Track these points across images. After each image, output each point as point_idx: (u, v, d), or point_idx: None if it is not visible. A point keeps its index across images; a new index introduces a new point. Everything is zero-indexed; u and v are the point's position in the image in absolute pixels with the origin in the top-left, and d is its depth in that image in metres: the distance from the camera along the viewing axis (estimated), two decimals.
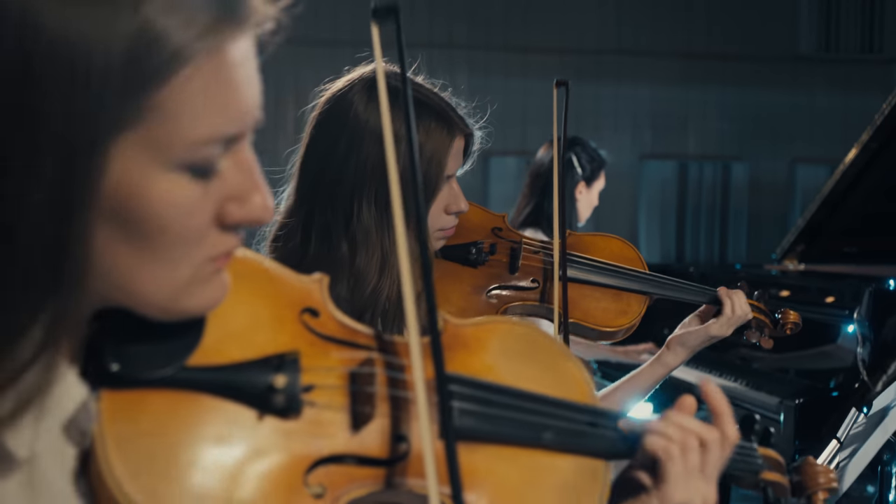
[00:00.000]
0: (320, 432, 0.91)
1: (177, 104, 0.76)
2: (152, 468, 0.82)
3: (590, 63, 8.79)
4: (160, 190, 0.77)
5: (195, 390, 0.86)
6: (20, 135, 0.72)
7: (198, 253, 0.82)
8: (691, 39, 8.85)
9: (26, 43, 0.71)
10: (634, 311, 2.14)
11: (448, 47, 8.68)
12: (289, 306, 0.97)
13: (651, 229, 8.91)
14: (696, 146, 8.98)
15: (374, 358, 0.97)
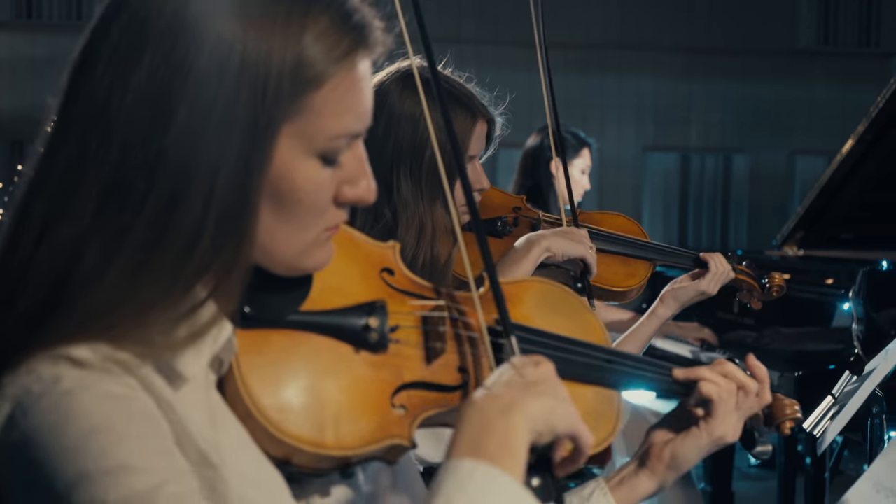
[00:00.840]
0: (402, 364, 1.14)
1: (322, 106, 0.99)
2: (276, 389, 1.05)
3: (595, 57, 9.00)
4: (302, 170, 1.00)
5: (306, 330, 1.09)
6: (214, 124, 0.95)
7: (319, 222, 1.05)
8: (693, 34, 9.05)
9: (221, 60, 0.95)
10: (641, 274, 2.43)
11: (457, 42, 8.89)
12: (371, 266, 1.20)
13: (654, 219, 9.13)
14: (698, 138, 9.19)
15: (442, 305, 1.20)
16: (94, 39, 1.01)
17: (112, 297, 0.95)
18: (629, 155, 9.08)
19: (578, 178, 4.29)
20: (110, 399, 0.93)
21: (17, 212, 1.01)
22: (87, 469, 0.89)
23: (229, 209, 0.96)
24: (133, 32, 0.96)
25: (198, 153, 0.95)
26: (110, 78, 0.96)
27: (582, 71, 8.97)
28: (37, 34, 8.62)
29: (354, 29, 1.02)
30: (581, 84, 8.95)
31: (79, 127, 0.97)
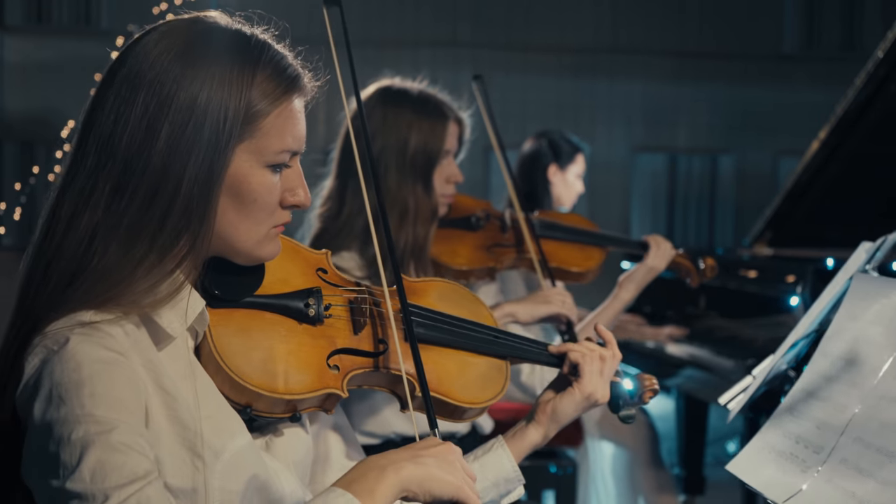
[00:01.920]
0: (335, 334, 1.50)
1: (269, 129, 1.35)
2: (241, 353, 1.39)
3: (586, 61, 9.17)
4: (256, 177, 1.36)
5: (261, 309, 1.45)
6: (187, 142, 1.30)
7: (270, 219, 1.40)
8: (682, 39, 9.20)
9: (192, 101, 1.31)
10: (597, 257, 2.82)
11: (453, 46, 9.09)
12: (309, 266, 1.56)
13: (643, 217, 9.29)
14: (686, 140, 9.36)
15: (363, 296, 1.56)
16: (103, 86, 1.34)
17: (111, 269, 1.29)
18: (619, 155, 9.26)
19: (573, 182, 4.51)
20: (98, 363, 1.25)
21: (50, 210, 1.35)
22: (70, 411, 1.22)
23: (192, 200, 1.31)
24: (130, 81, 1.32)
25: (174, 161, 1.30)
26: (115, 114, 1.31)
27: (574, 74, 9.16)
28: (46, 38, 8.79)
29: (288, 79, 1.38)
30: (573, 87, 9.14)
31: (94, 149, 1.32)
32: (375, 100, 2.58)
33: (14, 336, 1.33)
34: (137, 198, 1.30)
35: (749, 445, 1.87)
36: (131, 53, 1.36)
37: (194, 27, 1.39)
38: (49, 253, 1.32)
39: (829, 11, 9.15)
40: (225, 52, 1.36)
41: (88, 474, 1.18)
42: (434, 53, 8.98)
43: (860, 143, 4.47)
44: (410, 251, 2.52)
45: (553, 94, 8.99)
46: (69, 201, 1.33)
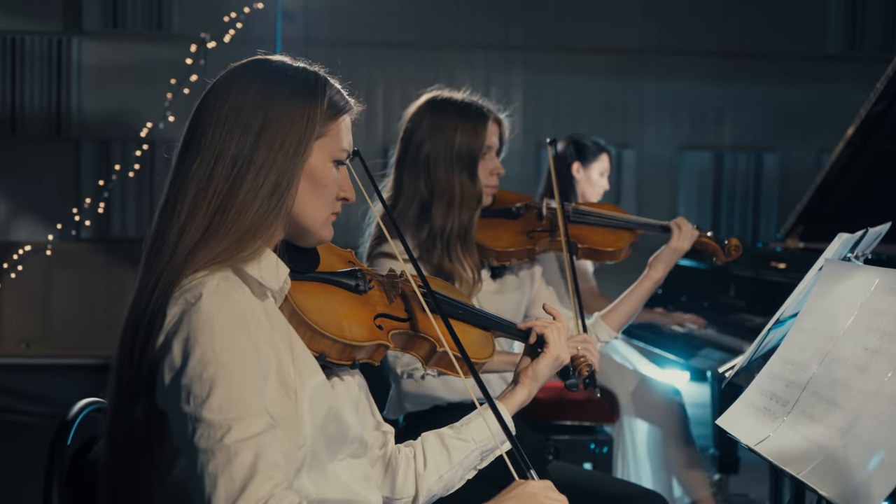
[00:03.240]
0: (375, 302, 1.97)
1: (336, 133, 1.83)
2: (316, 310, 1.83)
3: (634, 62, 9.38)
4: (325, 168, 1.82)
5: (322, 282, 1.92)
6: (277, 145, 1.76)
7: (331, 206, 1.87)
8: (728, 40, 9.35)
9: (281, 118, 1.76)
10: (626, 239, 3.20)
11: (505, 48, 9.35)
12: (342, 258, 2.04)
13: (689, 213, 9.47)
14: (731, 138, 9.53)
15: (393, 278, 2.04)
16: (209, 98, 1.79)
17: (232, 232, 1.72)
18: (666, 154, 9.48)
19: (597, 179, 4.97)
20: (226, 316, 1.63)
21: (173, 190, 1.75)
22: (203, 353, 1.59)
23: (284, 179, 1.75)
24: (233, 94, 1.78)
25: (271, 153, 1.75)
26: (222, 120, 1.76)
27: (622, 75, 9.39)
28: (122, 42, 9.11)
29: (344, 99, 1.87)
30: (621, 87, 9.36)
31: (207, 146, 1.75)
32: (424, 109, 3.07)
33: (152, 290, 1.69)
34: (248, 179, 1.72)
35: (735, 403, 2.25)
36: (228, 79, 1.80)
37: (274, 61, 1.85)
38: (182, 220, 1.71)
39: (872, 13, 9.32)
40: (301, 79, 1.82)
41: (216, 406, 1.54)
42: (487, 55, 9.30)
43: (883, 142, 4.76)
44: (457, 234, 2.98)
45: (602, 95, 9.26)
46: (193, 183, 1.73)
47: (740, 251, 3.23)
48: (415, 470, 2.05)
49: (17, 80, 9.09)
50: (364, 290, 1.94)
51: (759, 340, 2.50)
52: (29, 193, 9.20)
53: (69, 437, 1.83)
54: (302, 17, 8.69)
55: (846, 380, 1.92)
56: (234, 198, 1.73)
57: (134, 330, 1.70)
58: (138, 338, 1.69)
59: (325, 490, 1.79)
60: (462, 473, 2.09)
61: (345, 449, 1.85)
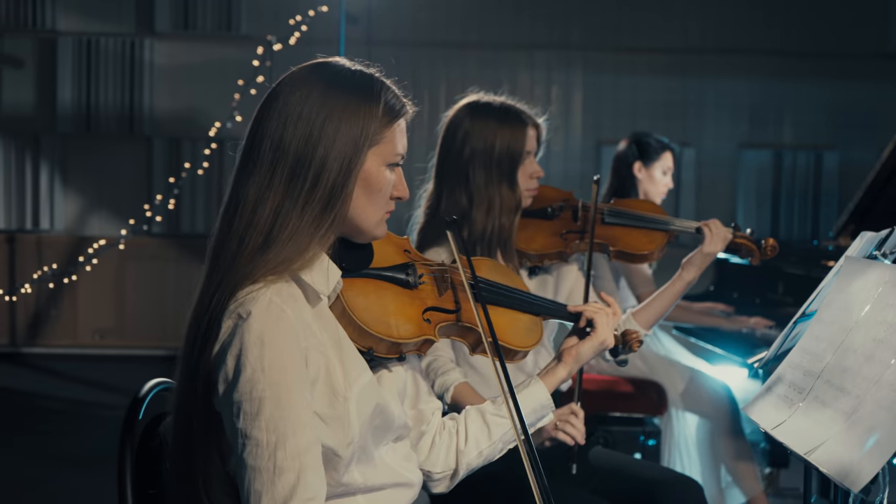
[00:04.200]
0: (425, 296, 2.05)
1: (390, 138, 1.91)
2: (365, 308, 1.93)
3: (693, 60, 9.41)
4: (379, 172, 1.91)
5: (374, 279, 2.01)
6: (336, 149, 1.84)
7: (385, 206, 1.95)
8: (788, 37, 9.35)
9: (338, 123, 1.84)
10: (659, 241, 3.28)
11: (565, 48, 9.45)
12: (399, 248, 2.12)
13: (748, 211, 9.48)
14: (791, 136, 9.51)
15: (444, 269, 2.12)
16: (266, 107, 1.86)
17: (291, 239, 1.80)
18: (725, 152, 9.50)
19: (659, 178, 5.01)
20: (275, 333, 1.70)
21: (233, 197, 1.83)
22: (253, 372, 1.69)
23: (339, 187, 1.83)
24: (292, 103, 1.83)
25: (328, 160, 1.83)
26: (282, 128, 1.82)
27: (681, 74, 9.42)
28: (192, 43, 9.36)
29: (400, 104, 1.94)
30: (681, 86, 9.40)
31: (268, 152, 1.83)
32: (464, 113, 3.10)
33: (210, 298, 1.76)
34: (305, 187, 1.80)
35: (759, 391, 2.39)
36: (288, 83, 1.86)
37: (332, 66, 1.93)
38: (241, 229, 1.78)
39: None
40: (359, 84, 1.89)
41: (264, 425, 1.67)
42: (548, 55, 9.41)
43: None
44: (497, 239, 3.05)
45: (661, 94, 9.32)
46: (253, 189, 1.80)
47: (776, 251, 3.29)
48: (456, 446, 2.15)
49: (93, 80, 9.34)
50: (415, 285, 2.02)
51: (785, 333, 2.63)
52: (103, 189, 9.49)
53: (140, 411, 2.02)
54: (365, 19, 8.86)
55: (854, 368, 2.05)
56: (293, 205, 1.81)
57: (195, 332, 1.79)
58: (198, 341, 1.78)
59: (372, 478, 1.90)
60: (502, 447, 2.19)
61: (389, 436, 1.96)
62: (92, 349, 9.32)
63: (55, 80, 9.38)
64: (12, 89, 9.44)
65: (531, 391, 2.19)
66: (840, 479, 1.78)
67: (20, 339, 9.35)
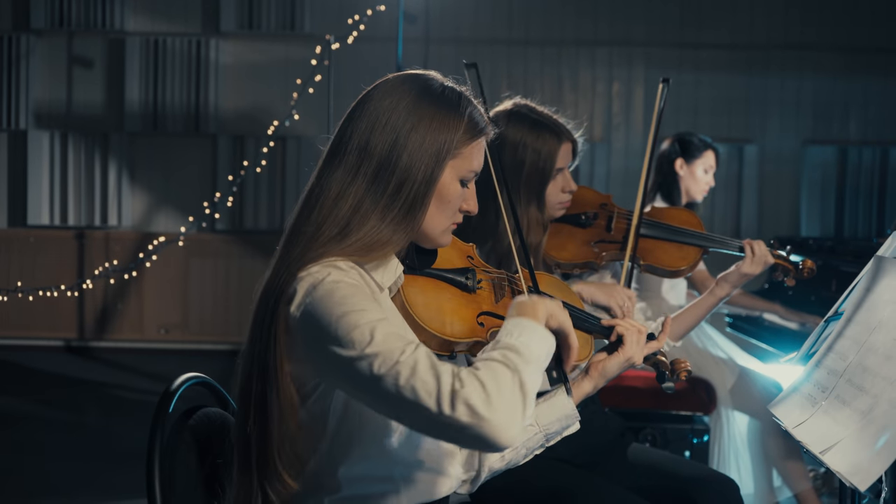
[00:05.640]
0: (482, 301, 2.13)
1: (468, 155, 1.99)
2: (422, 305, 2.01)
3: (757, 57, 9.32)
4: (453, 186, 1.99)
5: (435, 279, 2.09)
6: (418, 160, 1.93)
7: (452, 217, 2.04)
8: (853, 34, 9.22)
9: (423, 134, 1.94)
10: (691, 257, 3.20)
11: (627, 44, 9.42)
12: (462, 253, 2.20)
13: (812, 208, 9.36)
14: (856, 132, 9.39)
15: (502, 275, 2.19)
16: (358, 109, 1.96)
17: (368, 233, 1.90)
18: (789, 148, 9.39)
19: (701, 176, 5.04)
20: (353, 285, 1.80)
21: (315, 188, 1.93)
22: (344, 311, 1.74)
23: (420, 194, 1.94)
24: (382, 109, 1.93)
25: (412, 167, 1.93)
26: (370, 129, 1.92)
27: (745, 70, 9.35)
28: (256, 42, 9.48)
29: (482, 122, 2.02)
30: (744, 82, 9.32)
31: (355, 151, 1.93)
32: (499, 120, 3.02)
33: (281, 275, 1.86)
34: (389, 189, 1.90)
35: (786, 389, 2.39)
36: (381, 89, 1.97)
37: (424, 77, 2.02)
38: (320, 218, 1.88)
39: None
40: (447, 98, 1.98)
41: (381, 340, 1.71)
42: (610, 52, 9.39)
43: None
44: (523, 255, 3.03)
45: (724, 90, 9.25)
46: (336, 183, 1.90)
47: (814, 273, 3.26)
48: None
49: (159, 79, 9.50)
50: (473, 289, 2.10)
51: (817, 331, 2.62)
52: (169, 187, 9.66)
53: (171, 405, 2.09)
54: (423, 17, 8.92)
55: (874, 367, 2.05)
56: (374, 206, 1.91)
57: (265, 306, 1.87)
58: (267, 315, 1.86)
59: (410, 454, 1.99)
60: (525, 453, 2.24)
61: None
62: (157, 343, 9.50)
63: (123, 80, 9.56)
64: (82, 89, 9.64)
65: (556, 401, 2.23)
66: (849, 478, 1.79)
67: (88, 334, 9.55)
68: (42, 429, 6.67)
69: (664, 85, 3.18)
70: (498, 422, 1.62)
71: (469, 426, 1.61)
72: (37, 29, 9.54)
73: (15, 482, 5.47)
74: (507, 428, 1.63)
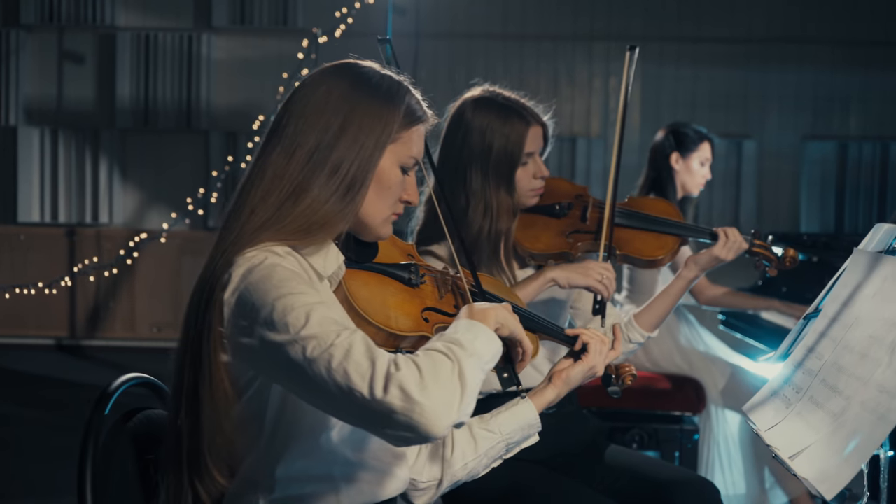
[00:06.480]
0: (425, 296, 2.06)
1: (408, 139, 1.94)
2: (366, 298, 1.94)
3: (755, 51, 9.19)
4: (393, 171, 1.94)
5: (378, 273, 2.02)
6: (358, 145, 1.88)
7: (392, 206, 1.98)
8: (853, 27, 9.10)
9: (361, 121, 1.89)
10: (669, 246, 3.08)
11: (625, 39, 9.29)
12: (403, 251, 2.14)
13: (812, 204, 9.24)
14: (857, 127, 9.27)
15: (446, 274, 2.13)
16: (299, 93, 1.95)
17: (302, 217, 1.84)
18: (788, 144, 9.28)
19: (697, 169, 4.87)
20: (289, 269, 1.75)
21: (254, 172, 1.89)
22: (279, 294, 1.71)
23: (358, 176, 1.88)
24: (321, 92, 1.91)
25: (350, 149, 1.88)
26: (307, 111, 1.90)
27: (743, 64, 9.23)
28: (248, 38, 9.40)
29: (421, 109, 1.98)
30: (743, 76, 9.21)
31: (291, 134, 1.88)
32: (465, 108, 2.96)
33: (216, 262, 1.82)
34: (326, 168, 1.85)
35: (761, 389, 2.28)
36: (318, 75, 1.95)
37: (362, 65, 1.98)
38: (256, 200, 1.84)
39: None
40: (384, 84, 1.94)
41: (316, 323, 1.65)
42: (607, 46, 9.29)
43: None
44: (494, 242, 2.92)
45: (722, 84, 9.13)
46: (272, 166, 1.86)
47: (796, 263, 3.17)
48: (442, 455, 2.16)
49: (150, 75, 9.43)
50: (416, 284, 2.05)
51: (796, 329, 2.51)
52: (161, 184, 9.58)
53: (107, 407, 1.99)
54: (413, 10, 8.81)
55: (849, 367, 1.94)
56: (307, 190, 1.86)
57: (201, 290, 1.83)
58: (203, 297, 1.81)
59: (355, 454, 1.92)
60: (487, 462, 2.19)
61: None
62: (150, 342, 9.42)
63: (114, 76, 9.48)
64: (73, 85, 9.57)
65: (519, 410, 2.19)
66: (816, 486, 1.68)
67: (80, 332, 9.47)
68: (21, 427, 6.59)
69: (631, 52, 3.02)
70: (431, 408, 1.55)
71: (400, 411, 1.55)
72: (27, 24, 9.46)
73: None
74: (439, 416, 1.56)
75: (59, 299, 9.26)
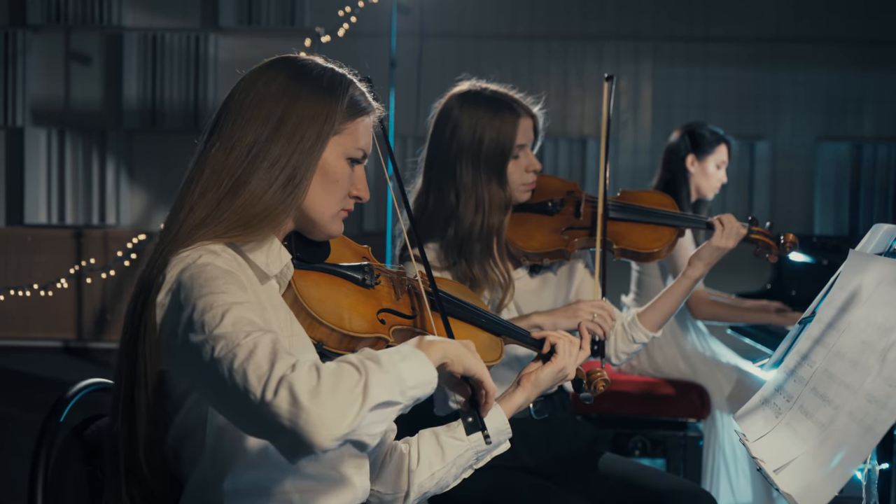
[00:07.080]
0: (381, 297, 1.98)
1: (353, 131, 1.87)
2: (318, 299, 1.86)
3: (768, 50, 9.06)
4: (340, 164, 1.87)
5: (330, 273, 1.94)
6: (297, 137, 1.81)
7: (341, 201, 1.90)
8: (868, 26, 8.95)
9: (301, 112, 1.83)
10: (666, 238, 3.02)
11: (635, 39, 9.21)
12: (357, 253, 2.06)
13: (826, 206, 9.10)
14: (872, 128, 9.12)
15: (402, 275, 2.06)
16: (241, 88, 1.89)
17: (240, 213, 1.78)
18: (802, 144, 9.14)
19: (713, 172, 4.75)
20: (221, 269, 1.69)
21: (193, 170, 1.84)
22: (203, 293, 1.64)
23: (300, 168, 1.83)
24: (260, 99, 1.84)
25: (291, 141, 1.82)
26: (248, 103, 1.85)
27: (756, 64, 9.11)
28: (255, 38, 9.34)
29: (366, 100, 1.92)
30: (755, 77, 9.08)
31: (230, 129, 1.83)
32: (453, 103, 2.91)
33: (156, 260, 1.77)
34: (262, 168, 1.79)
35: (753, 398, 2.18)
36: (256, 70, 1.90)
37: (301, 59, 1.92)
38: (194, 198, 1.79)
39: None
40: (325, 76, 1.87)
41: (229, 323, 1.56)
42: (617, 46, 9.19)
43: None
44: (486, 238, 2.85)
45: (734, 85, 9.01)
46: (210, 161, 1.80)
47: (796, 247, 3.11)
48: (407, 466, 2.07)
49: (157, 75, 9.38)
50: (371, 285, 1.98)
51: (791, 334, 2.41)
52: (168, 184, 9.52)
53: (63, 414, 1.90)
54: (417, 9, 8.72)
55: (840, 374, 1.84)
56: (245, 184, 1.79)
57: (138, 294, 1.78)
58: (139, 301, 1.77)
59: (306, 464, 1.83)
60: (456, 472, 2.11)
61: None
62: None
63: (121, 76, 9.43)
64: (80, 85, 9.52)
65: (491, 415, 2.09)
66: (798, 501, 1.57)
67: (87, 335, 9.41)
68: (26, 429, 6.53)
69: (609, 83, 2.99)
70: (318, 416, 1.43)
71: (285, 415, 1.44)
72: (33, 25, 9.41)
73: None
74: (326, 426, 1.44)
75: (65, 301, 9.21)
